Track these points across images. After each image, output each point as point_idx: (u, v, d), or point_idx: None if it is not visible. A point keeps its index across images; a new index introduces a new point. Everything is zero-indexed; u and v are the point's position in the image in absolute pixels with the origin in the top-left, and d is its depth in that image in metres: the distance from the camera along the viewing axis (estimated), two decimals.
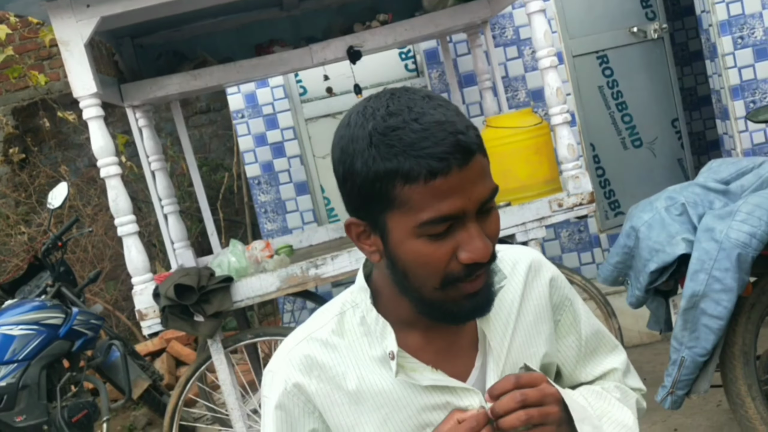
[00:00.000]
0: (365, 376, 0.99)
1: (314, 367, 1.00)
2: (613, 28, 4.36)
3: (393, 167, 0.87)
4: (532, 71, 4.13)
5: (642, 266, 2.32)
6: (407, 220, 0.89)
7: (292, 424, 1.01)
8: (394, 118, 0.88)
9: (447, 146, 0.86)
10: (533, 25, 2.85)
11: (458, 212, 0.88)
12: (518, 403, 0.92)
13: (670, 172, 4.53)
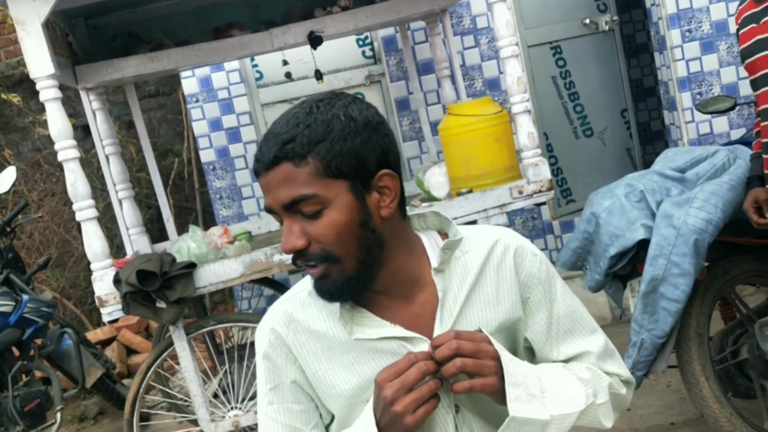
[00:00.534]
0: (332, 328, 1.14)
1: (291, 321, 1.16)
2: (567, 20, 4.45)
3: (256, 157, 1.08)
4: (489, 60, 4.18)
5: (602, 251, 2.39)
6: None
7: (277, 372, 1.16)
8: (281, 116, 1.09)
9: (261, 153, 1.06)
10: (494, 15, 2.88)
11: (269, 207, 1.07)
12: (453, 350, 1.04)
13: (619, 161, 4.67)
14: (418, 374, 1.02)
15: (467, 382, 1.05)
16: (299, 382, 1.15)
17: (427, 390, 1.03)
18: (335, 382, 1.14)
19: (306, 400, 1.16)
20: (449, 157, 3.11)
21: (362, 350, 1.13)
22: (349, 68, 4.37)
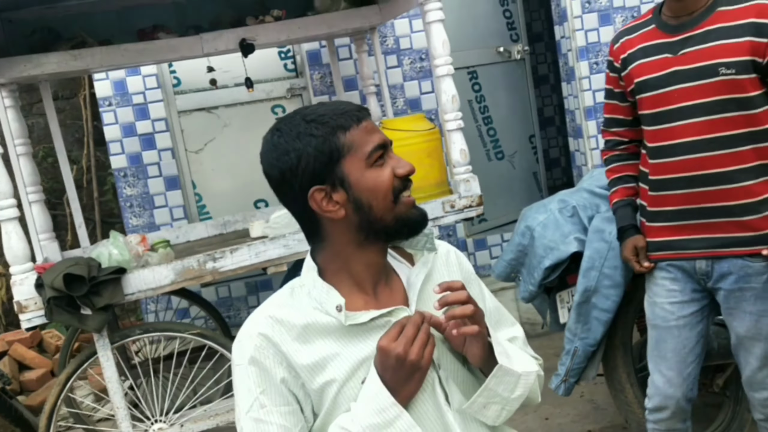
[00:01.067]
0: (319, 319, 1.22)
1: (276, 322, 1.21)
2: (483, 47, 4.65)
3: (333, 125, 1.18)
4: (411, 80, 4.29)
5: (537, 263, 2.51)
6: (357, 157, 1.19)
7: (267, 375, 1.19)
8: (309, 109, 1.22)
9: (355, 107, 1.22)
10: (432, 34, 2.97)
11: (383, 142, 1.22)
12: (465, 297, 1.20)
13: (526, 184, 4.89)
14: (414, 328, 1.16)
15: (469, 327, 1.19)
16: (288, 382, 1.20)
17: (424, 334, 1.17)
18: (329, 370, 1.20)
19: (293, 401, 1.21)
20: None
21: (352, 334, 1.22)
22: (270, 80, 4.34)
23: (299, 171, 1.19)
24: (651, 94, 2.02)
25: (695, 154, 1.96)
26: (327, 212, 1.21)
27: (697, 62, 1.93)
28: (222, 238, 3.61)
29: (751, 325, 2.04)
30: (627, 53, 2.09)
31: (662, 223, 2.09)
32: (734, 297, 2.03)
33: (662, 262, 2.13)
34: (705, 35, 1.94)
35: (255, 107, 4.35)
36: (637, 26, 2.12)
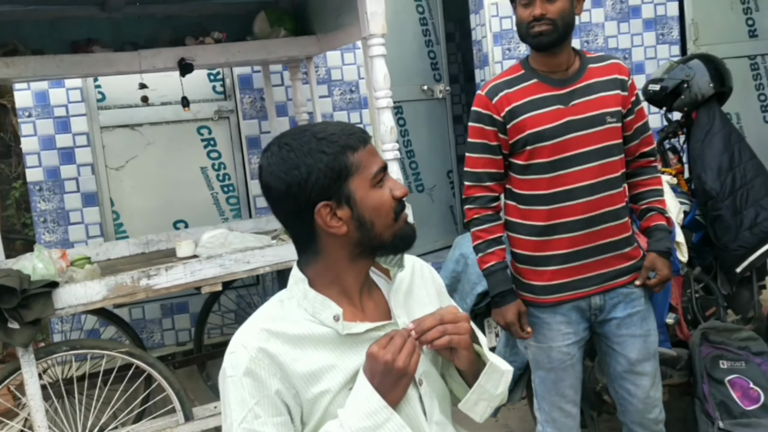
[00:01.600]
0: (315, 330, 1.27)
1: (271, 335, 1.25)
2: (409, 84, 4.83)
3: (343, 145, 1.25)
4: (340, 111, 4.40)
5: (470, 289, 2.64)
6: (363, 177, 1.27)
7: (262, 386, 1.22)
8: (317, 127, 1.28)
9: (358, 130, 1.30)
10: (374, 68, 3.08)
11: (384, 164, 1.31)
12: (436, 319, 1.27)
13: (443, 217, 5.08)
14: (402, 339, 1.24)
15: (446, 338, 1.26)
16: (281, 393, 1.23)
17: (411, 344, 1.24)
18: (324, 381, 1.25)
19: (285, 411, 1.24)
20: None
21: (347, 345, 1.28)
22: (198, 101, 4.33)
23: (308, 186, 1.24)
24: (548, 143, 2.11)
25: (591, 196, 2.14)
26: (330, 227, 1.26)
27: (587, 112, 2.12)
28: (145, 257, 3.55)
29: (641, 347, 2.23)
30: (512, 106, 2.14)
31: (556, 266, 2.16)
32: (625, 324, 2.22)
33: (564, 304, 2.20)
34: (588, 88, 2.14)
35: (180, 127, 4.31)
36: (512, 81, 2.17)
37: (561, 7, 2.05)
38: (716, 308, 3.28)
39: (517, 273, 2.25)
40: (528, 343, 2.25)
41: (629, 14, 4.66)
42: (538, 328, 2.22)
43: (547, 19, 2.05)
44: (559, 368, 2.23)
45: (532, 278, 2.20)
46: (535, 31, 2.06)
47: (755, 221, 3.12)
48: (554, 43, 2.08)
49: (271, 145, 1.30)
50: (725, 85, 3.35)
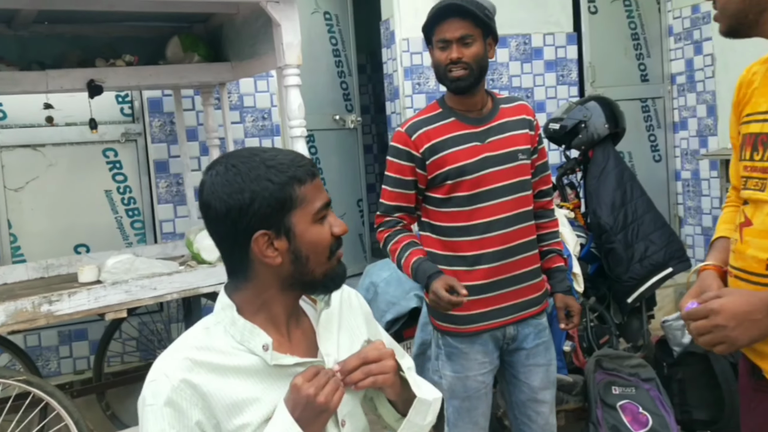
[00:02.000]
0: (244, 360, 1.25)
1: (195, 364, 1.23)
2: (320, 113, 4.89)
3: (291, 176, 1.24)
4: (252, 137, 4.40)
5: (379, 317, 2.70)
6: (306, 212, 1.25)
7: (182, 416, 1.20)
8: (268, 153, 1.26)
9: (307, 163, 1.29)
10: (289, 98, 3.12)
11: (328, 201, 1.30)
12: (360, 359, 1.27)
13: (353, 245, 5.14)
14: (326, 377, 1.24)
15: (370, 379, 1.27)
16: (202, 423, 1.22)
17: (335, 383, 1.25)
18: (247, 413, 1.23)
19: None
20: None
21: (273, 377, 1.26)
22: (105, 123, 4.22)
23: (249, 212, 1.22)
24: (468, 177, 2.20)
25: (508, 228, 2.25)
26: (266, 257, 1.24)
27: (501, 149, 2.24)
28: (45, 282, 3.42)
29: (544, 376, 2.33)
30: (432, 143, 2.20)
31: (475, 296, 2.19)
32: (532, 354, 2.32)
33: (483, 334, 2.26)
34: (501, 127, 2.27)
35: (85, 149, 4.19)
36: (431, 119, 2.25)
37: (476, 52, 2.16)
38: (609, 336, 3.48)
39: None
40: (444, 373, 2.30)
41: (532, 55, 4.91)
42: (455, 358, 2.27)
43: (463, 63, 2.15)
44: (474, 397, 2.29)
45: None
46: (453, 76, 2.16)
47: (645, 254, 3.33)
48: (470, 87, 2.19)
49: (217, 163, 1.27)
50: (619, 126, 3.59)
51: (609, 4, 5.25)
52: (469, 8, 2.12)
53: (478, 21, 2.14)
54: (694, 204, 5.28)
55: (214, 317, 1.31)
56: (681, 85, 5.29)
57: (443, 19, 2.15)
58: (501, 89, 4.79)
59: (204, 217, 1.28)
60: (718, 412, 3.20)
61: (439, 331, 2.29)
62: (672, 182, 5.46)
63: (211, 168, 1.27)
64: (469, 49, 2.15)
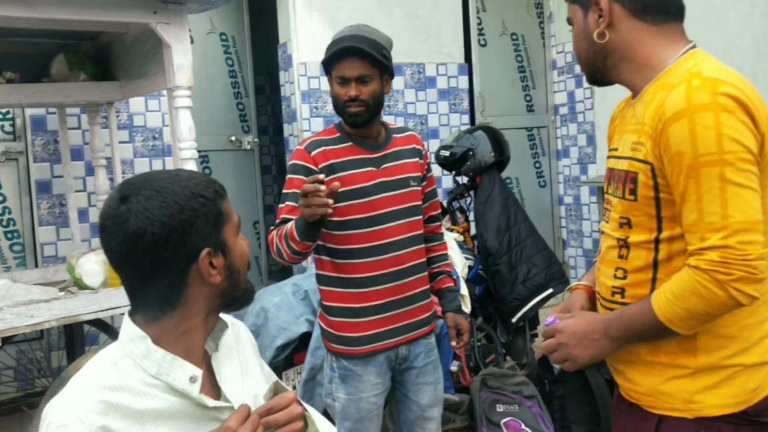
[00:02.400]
0: (157, 405, 1.17)
1: (110, 407, 1.13)
2: (216, 134, 4.84)
3: (214, 190, 1.23)
4: (142, 158, 4.30)
5: (269, 342, 2.69)
6: (231, 225, 1.25)
7: None
8: (185, 173, 1.23)
9: (214, 179, 1.27)
10: (179, 119, 3.08)
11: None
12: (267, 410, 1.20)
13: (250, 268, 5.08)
14: (257, 419, 1.18)
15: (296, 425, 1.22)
16: None
17: (262, 426, 1.18)
18: None
19: None
20: None
21: (189, 417, 1.20)
22: None
23: (193, 231, 1.17)
24: (364, 200, 2.26)
25: (402, 250, 2.32)
26: (210, 276, 1.19)
27: (395, 175, 2.33)
28: None
29: (432, 394, 2.41)
30: (331, 162, 2.25)
31: (369, 317, 2.26)
32: (422, 372, 2.39)
33: (377, 355, 2.29)
34: (395, 154, 2.36)
35: None
36: (330, 141, 2.29)
37: (373, 90, 2.25)
38: (495, 355, 3.60)
39: (329, 326, 2.32)
40: (337, 395, 2.32)
41: (426, 84, 5.06)
42: (349, 381, 2.30)
43: (360, 101, 2.23)
44: (366, 418, 2.32)
45: (347, 330, 2.29)
46: (351, 111, 2.24)
47: (528, 276, 3.49)
48: (367, 122, 2.28)
49: (136, 191, 1.17)
50: (504, 155, 3.76)
51: (497, 38, 5.50)
52: (367, 50, 2.20)
53: (375, 61, 2.23)
54: (576, 227, 5.57)
55: (120, 349, 1.21)
56: (563, 116, 5.59)
57: (343, 57, 2.22)
58: (397, 115, 4.91)
59: (129, 251, 1.16)
60: (595, 426, 3.38)
61: (333, 354, 2.32)
62: (556, 207, 5.74)
63: (128, 197, 1.17)
64: (366, 87, 2.23)
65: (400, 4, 4.90)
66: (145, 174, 1.23)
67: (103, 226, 1.18)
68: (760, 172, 1.34)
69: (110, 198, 1.20)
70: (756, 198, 1.32)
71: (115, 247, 1.17)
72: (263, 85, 6.52)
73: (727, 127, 1.30)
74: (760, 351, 1.42)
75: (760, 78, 4.13)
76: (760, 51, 4.14)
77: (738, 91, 1.34)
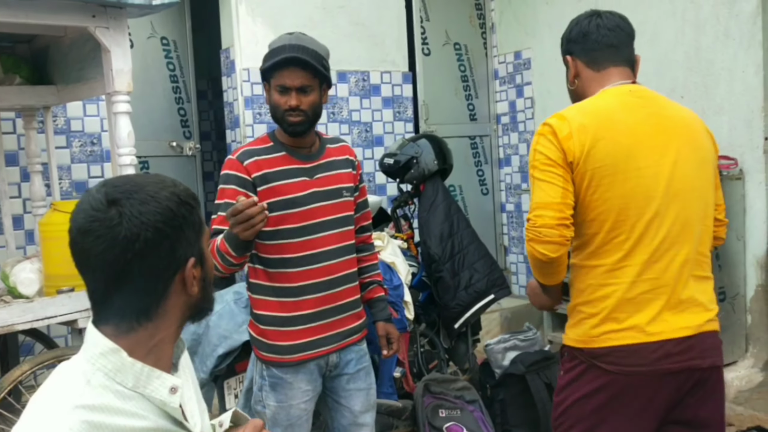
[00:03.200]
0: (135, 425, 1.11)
1: (94, 427, 1.07)
2: (156, 139, 4.77)
3: (194, 198, 1.19)
4: (79, 163, 4.20)
5: (210, 351, 2.66)
6: (207, 236, 1.22)
7: None
8: (159, 177, 1.19)
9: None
10: (118, 125, 3.03)
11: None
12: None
13: None
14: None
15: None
16: None
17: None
18: None
19: None
20: (49, 253, 3.05)
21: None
22: None
23: (182, 238, 1.14)
24: (298, 210, 2.27)
25: (334, 260, 2.34)
26: (191, 286, 1.16)
27: (328, 185, 2.35)
28: None
29: (364, 399, 2.43)
30: (264, 172, 2.25)
31: (301, 326, 2.27)
32: (353, 379, 2.41)
33: (308, 363, 2.30)
34: (328, 165, 2.38)
35: None
36: (262, 150, 2.29)
37: (313, 100, 2.26)
38: (438, 361, 3.65)
39: (260, 335, 2.31)
40: (267, 403, 2.31)
41: (370, 92, 5.09)
42: (279, 389, 2.29)
43: (300, 110, 2.23)
44: (296, 424, 2.32)
45: (278, 339, 2.28)
46: (291, 121, 2.24)
47: (470, 282, 3.55)
48: (306, 131, 2.28)
49: (128, 192, 1.12)
50: (447, 163, 3.81)
51: (441, 47, 5.57)
52: (309, 61, 2.20)
53: (317, 72, 2.24)
54: (517, 234, 5.68)
55: (89, 364, 1.13)
56: (505, 125, 5.70)
57: (284, 66, 2.22)
58: (341, 123, 4.92)
59: (117, 257, 1.10)
60: (534, 429, 3.45)
61: (263, 362, 2.31)
62: (498, 214, 5.84)
63: (119, 201, 1.11)
64: (307, 98, 2.24)
65: (345, 12, 4.92)
66: (128, 177, 1.18)
67: (86, 230, 1.10)
68: (577, 175, 1.87)
69: (91, 200, 1.12)
70: (552, 188, 1.87)
71: (100, 253, 1.09)
72: (205, 90, 6.44)
73: (538, 144, 1.93)
74: (598, 306, 1.90)
75: (691, 90, 4.30)
76: (691, 65, 4.32)
77: (556, 122, 1.91)
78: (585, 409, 1.92)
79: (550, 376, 3.47)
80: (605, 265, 1.90)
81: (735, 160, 4.06)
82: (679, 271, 1.89)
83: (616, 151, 1.87)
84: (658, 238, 1.87)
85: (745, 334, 4.22)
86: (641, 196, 1.87)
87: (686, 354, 1.86)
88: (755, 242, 4.15)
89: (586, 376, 1.92)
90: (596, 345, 1.90)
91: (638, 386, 1.86)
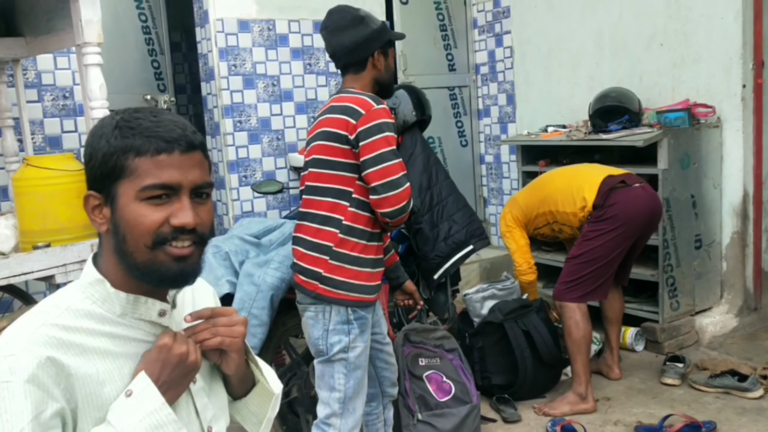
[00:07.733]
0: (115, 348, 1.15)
1: (62, 344, 1.10)
2: (130, 93, 4.68)
3: (129, 143, 1.13)
4: (52, 117, 4.12)
5: None
6: (133, 185, 1.13)
7: (44, 397, 1.07)
8: (139, 113, 1.17)
9: (175, 135, 1.15)
10: (89, 77, 2.96)
11: (174, 184, 1.14)
12: (210, 312, 1.24)
13: None
14: (188, 337, 1.21)
15: (217, 339, 1.22)
16: (62, 409, 1.10)
17: (198, 339, 1.22)
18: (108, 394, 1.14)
19: (60, 426, 1.10)
20: (23, 209, 3.01)
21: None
22: None
23: (89, 168, 1.18)
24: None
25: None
26: (93, 219, 1.19)
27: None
28: None
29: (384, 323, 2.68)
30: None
31: (380, 268, 2.43)
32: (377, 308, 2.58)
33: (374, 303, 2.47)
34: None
35: None
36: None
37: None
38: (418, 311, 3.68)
39: (355, 278, 2.33)
40: (356, 344, 2.35)
41: None
42: (366, 329, 2.37)
43: None
44: (366, 364, 2.43)
45: (369, 280, 2.35)
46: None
47: (449, 233, 3.56)
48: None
49: (122, 111, 1.18)
50: (425, 114, 3.78)
51: None
52: None
53: None
54: (496, 185, 5.69)
55: (81, 292, 1.18)
56: (484, 75, 5.66)
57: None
58: (318, 74, 4.85)
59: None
60: (513, 376, 3.52)
61: (350, 304, 2.33)
62: (477, 165, 5.84)
63: (115, 116, 1.18)
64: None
65: None
66: (156, 110, 1.20)
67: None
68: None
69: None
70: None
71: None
72: (179, 42, 6.31)
73: None
74: None
75: (671, 37, 4.29)
76: (671, 11, 4.28)
77: None
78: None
79: (528, 323, 3.53)
80: None
81: (713, 108, 4.07)
82: None
83: None
84: None
85: (720, 281, 4.30)
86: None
87: None
88: (731, 190, 4.19)
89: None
90: None
91: None
